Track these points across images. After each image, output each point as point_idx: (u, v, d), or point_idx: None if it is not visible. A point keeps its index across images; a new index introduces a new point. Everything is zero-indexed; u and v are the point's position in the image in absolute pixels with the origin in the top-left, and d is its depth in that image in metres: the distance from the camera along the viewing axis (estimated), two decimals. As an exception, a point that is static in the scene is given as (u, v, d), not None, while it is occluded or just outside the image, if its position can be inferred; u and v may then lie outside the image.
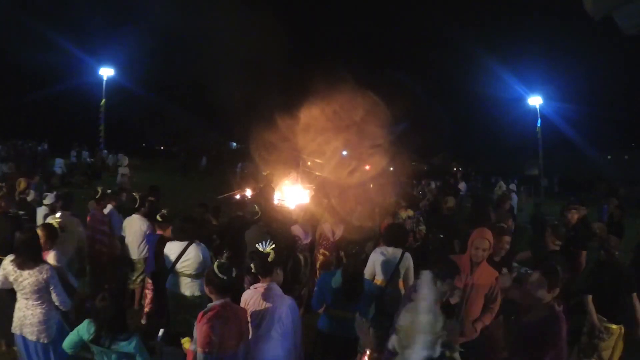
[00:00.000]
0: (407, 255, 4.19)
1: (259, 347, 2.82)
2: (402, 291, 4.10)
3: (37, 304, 3.25)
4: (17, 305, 3.31)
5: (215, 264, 2.74)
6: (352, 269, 3.62)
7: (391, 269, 4.09)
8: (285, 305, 2.86)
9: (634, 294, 3.99)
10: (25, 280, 3.20)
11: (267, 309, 2.83)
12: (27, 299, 3.24)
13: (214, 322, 2.56)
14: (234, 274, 2.71)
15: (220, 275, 2.64)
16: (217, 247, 5.51)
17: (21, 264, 3.22)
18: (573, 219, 6.01)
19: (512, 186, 17.64)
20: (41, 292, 3.24)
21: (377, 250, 4.32)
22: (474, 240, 3.47)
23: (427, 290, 2.21)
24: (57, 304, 3.32)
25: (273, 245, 2.98)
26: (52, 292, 3.28)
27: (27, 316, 3.24)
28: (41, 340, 3.25)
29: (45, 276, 3.23)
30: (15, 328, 3.30)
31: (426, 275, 2.30)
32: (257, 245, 3.02)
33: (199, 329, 2.57)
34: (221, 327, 2.56)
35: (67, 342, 2.75)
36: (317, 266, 5.62)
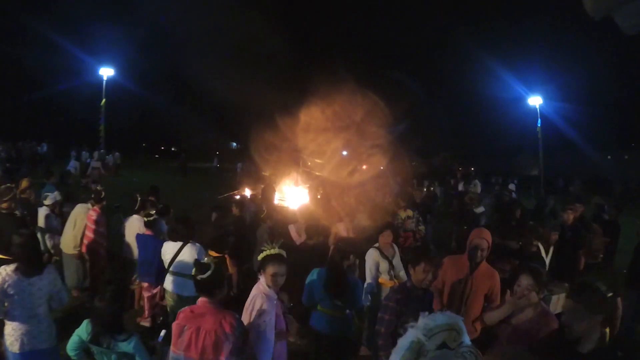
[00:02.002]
0: (370, 251, 4.54)
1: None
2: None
3: (42, 309, 3.07)
4: (17, 323, 3.02)
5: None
6: (337, 267, 3.60)
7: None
8: (264, 304, 2.81)
9: (618, 298, 3.71)
10: (35, 286, 3.02)
11: (252, 304, 2.84)
12: (32, 308, 3.02)
13: (182, 323, 2.50)
14: (207, 274, 2.55)
15: (194, 273, 2.59)
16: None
17: (28, 271, 3.02)
18: (569, 219, 5.83)
19: (512, 186, 17.63)
20: (46, 296, 3.08)
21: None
22: (473, 241, 3.47)
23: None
24: (61, 301, 3.19)
25: (280, 244, 3.01)
26: (61, 290, 3.18)
27: (32, 325, 3.04)
28: (52, 345, 3.13)
29: (53, 276, 3.13)
30: (16, 347, 3.01)
31: None
32: (265, 244, 3.04)
33: (172, 327, 2.55)
34: (189, 329, 2.46)
35: (69, 345, 2.74)
36: None
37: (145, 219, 5.00)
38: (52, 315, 3.23)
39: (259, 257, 2.96)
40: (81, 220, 5.50)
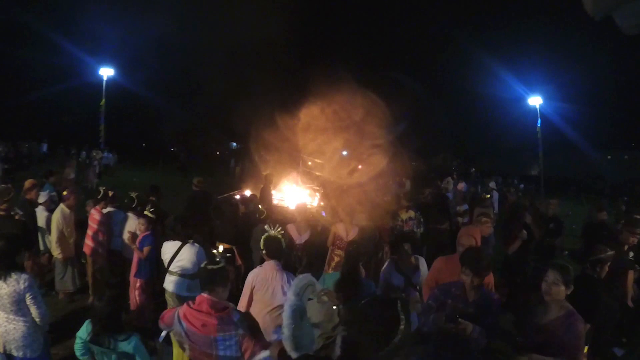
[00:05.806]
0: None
1: (270, 316, 3.14)
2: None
3: (19, 316, 2.98)
4: None
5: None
6: (350, 270, 3.61)
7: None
8: (289, 278, 3.24)
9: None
10: (2, 290, 2.92)
11: (275, 282, 3.21)
12: (5, 311, 2.96)
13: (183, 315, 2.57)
14: (218, 265, 2.58)
15: (205, 264, 2.67)
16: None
17: None
18: (629, 241, 4.69)
19: (492, 184, 17.46)
20: (20, 304, 2.98)
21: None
22: (461, 239, 3.48)
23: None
24: (34, 316, 3.04)
25: (280, 229, 3.35)
26: (30, 304, 3.01)
27: (9, 331, 2.98)
28: (28, 355, 3.02)
29: (22, 286, 2.95)
30: None
31: None
32: (265, 227, 3.39)
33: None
34: (188, 325, 2.50)
35: (75, 347, 2.74)
36: (332, 266, 5.61)
37: (149, 215, 5.02)
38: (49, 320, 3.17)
39: (262, 238, 3.29)
40: (56, 222, 5.36)
